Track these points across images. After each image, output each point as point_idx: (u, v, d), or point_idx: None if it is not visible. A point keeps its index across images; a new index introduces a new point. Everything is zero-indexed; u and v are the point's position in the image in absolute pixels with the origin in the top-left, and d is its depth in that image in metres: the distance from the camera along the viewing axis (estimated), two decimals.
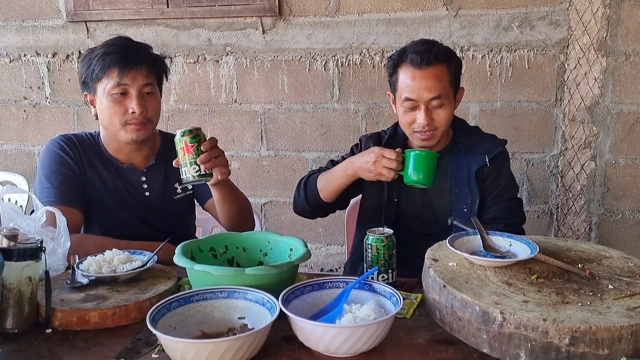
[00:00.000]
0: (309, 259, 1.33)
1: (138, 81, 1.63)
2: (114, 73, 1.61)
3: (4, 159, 2.99)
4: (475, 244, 1.33)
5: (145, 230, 1.72)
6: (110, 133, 1.71)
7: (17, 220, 1.37)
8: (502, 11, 2.40)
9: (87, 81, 1.67)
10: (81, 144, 1.73)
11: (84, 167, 1.71)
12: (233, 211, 1.72)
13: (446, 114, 1.65)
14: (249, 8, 2.58)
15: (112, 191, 1.74)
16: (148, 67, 1.66)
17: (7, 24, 2.83)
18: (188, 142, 1.45)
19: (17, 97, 2.91)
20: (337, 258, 2.81)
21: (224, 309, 1.18)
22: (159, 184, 1.79)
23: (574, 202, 2.50)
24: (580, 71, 2.39)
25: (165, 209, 1.80)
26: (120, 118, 1.64)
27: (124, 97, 1.63)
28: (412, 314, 1.26)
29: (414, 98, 1.63)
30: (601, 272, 1.21)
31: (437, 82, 1.62)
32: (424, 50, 1.63)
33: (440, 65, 1.63)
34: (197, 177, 1.46)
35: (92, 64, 1.64)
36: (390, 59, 1.72)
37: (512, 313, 1.01)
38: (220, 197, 1.67)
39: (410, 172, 1.58)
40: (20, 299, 1.18)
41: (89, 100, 1.70)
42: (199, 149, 1.46)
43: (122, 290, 1.31)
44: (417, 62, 1.62)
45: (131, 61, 1.62)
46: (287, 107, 2.68)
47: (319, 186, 1.75)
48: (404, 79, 1.65)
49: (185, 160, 1.46)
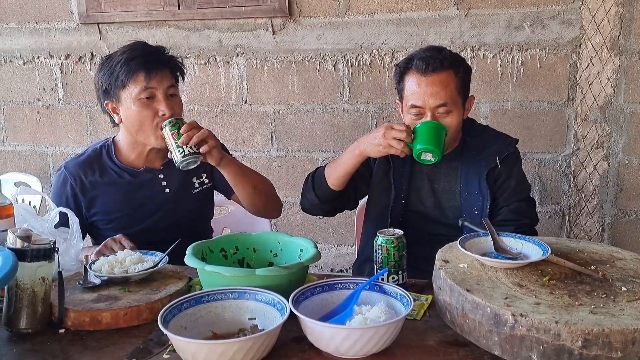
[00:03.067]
0: (319, 260, 1.33)
1: (164, 84, 1.64)
2: (141, 77, 1.61)
3: (18, 159, 3.03)
4: (486, 245, 1.32)
5: (165, 236, 1.72)
6: (137, 139, 1.70)
7: (30, 221, 1.39)
8: (513, 10, 2.39)
9: (110, 89, 1.65)
10: (88, 166, 1.72)
11: (86, 198, 1.71)
12: (249, 190, 1.74)
13: (453, 121, 1.62)
14: (259, 9, 2.59)
15: (132, 202, 1.73)
16: (171, 70, 1.68)
17: (21, 26, 2.87)
18: (169, 131, 1.58)
19: (31, 98, 2.94)
20: (346, 258, 2.81)
21: (234, 309, 1.18)
22: (177, 179, 1.79)
23: (587, 202, 2.48)
24: (593, 70, 2.37)
25: (186, 204, 1.81)
26: (151, 122, 1.63)
27: (151, 101, 1.63)
28: (422, 316, 1.25)
29: (419, 105, 1.61)
30: (614, 274, 1.20)
31: (442, 88, 1.59)
32: (429, 57, 1.61)
33: (446, 72, 1.61)
34: (183, 157, 1.56)
35: (115, 70, 1.62)
36: (397, 67, 1.70)
37: (524, 315, 1.00)
38: (230, 178, 1.70)
39: (420, 141, 1.54)
40: (33, 299, 1.19)
41: (111, 109, 1.68)
42: (179, 133, 1.57)
43: (133, 290, 1.32)
44: (422, 68, 1.60)
45: (156, 64, 1.63)
46: (297, 108, 2.69)
47: (326, 173, 1.71)
48: (410, 85, 1.64)
49: (172, 147, 1.58)
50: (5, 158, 3.04)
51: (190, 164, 1.59)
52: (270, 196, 1.84)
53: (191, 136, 1.55)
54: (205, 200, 1.88)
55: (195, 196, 1.83)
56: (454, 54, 1.68)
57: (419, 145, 1.55)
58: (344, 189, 1.73)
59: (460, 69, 1.65)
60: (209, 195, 1.90)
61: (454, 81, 1.62)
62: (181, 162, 1.57)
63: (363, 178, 1.79)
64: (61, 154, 2.96)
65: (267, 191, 1.82)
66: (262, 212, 1.86)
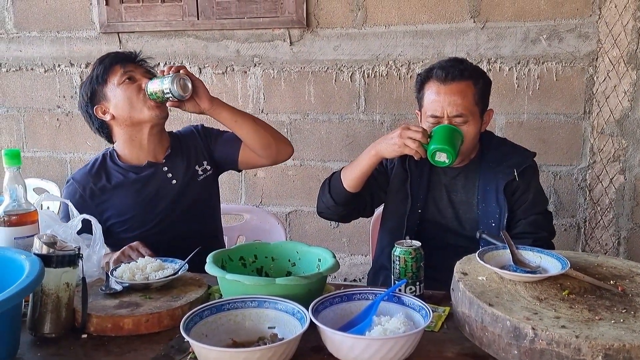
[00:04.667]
0: (337, 270, 1.34)
1: (140, 70, 1.79)
2: (117, 68, 1.75)
3: (37, 165, 3.07)
4: (505, 258, 1.33)
5: (176, 233, 1.79)
6: (133, 121, 1.76)
7: (54, 227, 1.42)
8: (530, 23, 2.40)
9: (95, 93, 1.77)
10: (95, 174, 1.78)
11: (98, 205, 1.76)
12: (250, 124, 1.80)
13: (470, 131, 1.63)
14: (277, 20, 2.62)
15: (142, 198, 1.78)
16: (143, 68, 1.82)
17: (42, 35, 2.92)
18: (151, 83, 1.71)
19: (51, 105, 2.99)
20: (360, 268, 2.81)
21: (254, 318, 1.19)
22: (181, 168, 1.85)
23: (602, 216, 2.47)
24: (610, 84, 2.36)
25: (194, 193, 1.85)
26: (138, 96, 1.73)
27: (132, 81, 1.75)
28: (440, 327, 1.26)
29: (437, 115, 1.63)
30: (634, 289, 1.20)
31: (461, 98, 1.61)
32: (450, 66, 1.64)
33: (465, 82, 1.63)
34: (171, 79, 1.64)
35: (94, 75, 1.76)
36: (418, 76, 1.73)
37: (544, 329, 1.00)
38: (227, 119, 1.78)
39: (434, 141, 1.56)
40: (58, 305, 1.21)
41: (102, 112, 1.78)
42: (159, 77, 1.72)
43: (154, 297, 1.34)
44: (442, 77, 1.63)
45: (128, 60, 1.79)
46: (313, 118, 2.71)
47: (342, 176, 1.72)
48: (429, 94, 1.66)
49: (161, 86, 1.67)
50: (25, 164, 3.05)
51: (182, 86, 1.65)
52: (273, 129, 1.87)
53: (169, 68, 1.68)
54: (210, 187, 1.93)
55: (200, 184, 1.88)
56: (475, 66, 1.70)
57: (434, 145, 1.56)
58: (359, 191, 1.73)
59: (479, 81, 1.66)
60: (214, 182, 1.95)
61: (473, 92, 1.63)
62: (172, 82, 1.63)
63: (379, 183, 1.80)
64: (79, 160, 3.00)
65: (267, 125, 1.86)
66: (273, 147, 1.84)
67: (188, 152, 1.88)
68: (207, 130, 1.97)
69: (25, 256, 1.18)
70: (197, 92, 1.71)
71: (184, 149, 1.89)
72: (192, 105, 1.73)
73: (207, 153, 1.91)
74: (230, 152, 1.90)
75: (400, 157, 1.75)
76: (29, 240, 1.29)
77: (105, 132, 1.84)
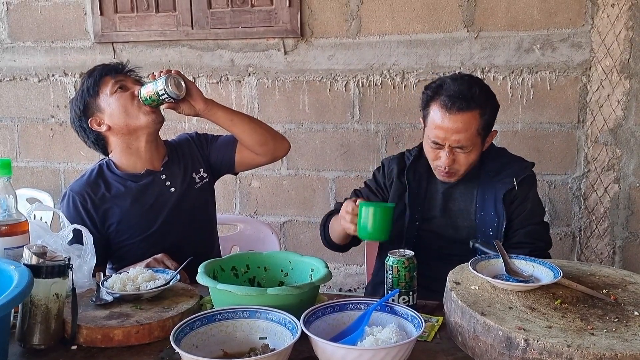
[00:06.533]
0: (330, 280, 1.33)
1: (130, 79, 1.81)
2: (108, 79, 1.76)
3: (30, 176, 3.06)
4: (498, 268, 1.32)
5: (174, 240, 1.79)
6: (129, 131, 1.76)
7: (44, 238, 1.41)
8: (523, 33, 2.41)
9: (88, 106, 1.76)
10: (93, 183, 1.76)
11: (99, 214, 1.74)
12: (246, 124, 1.81)
13: (469, 158, 1.64)
14: (271, 30, 2.63)
15: (142, 206, 1.77)
16: (129, 74, 1.84)
17: (37, 44, 2.92)
18: (144, 87, 1.71)
19: (45, 115, 2.99)
20: (355, 278, 2.80)
21: (245, 328, 1.18)
22: (179, 176, 1.85)
23: (597, 225, 2.47)
24: (603, 93, 2.37)
25: (192, 200, 1.85)
26: (132, 103, 1.73)
27: (124, 90, 1.76)
28: (433, 337, 1.25)
29: (439, 143, 1.62)
30: (626, 298, 1.20)
31: (464, 129, 1.58)
32: (458, 94, 1.58)
33: (471, 112, 1.59)
34: (165, 79, 1.64)
35: (85, 89, 1.76)
36: (426, 89, 1.68)
37: (536, 339, 1.00)
38: (222, 119, 1.79)
39: (360, 227, 1.51)
40: (47, 316, 1.20)
41: (97, 123, 1.77)
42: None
43: (145, 308, 1.33)
44: (448, 106, 1.58)
45: (115, 70, 1.79)
46: (308, 127, 2.71)
47: (330, 233, 1.80)
48: (433, 117, 1.63)
49: (154, 88, 1.67)
50: (18, 174, 3.07)
51: (176, 85, 1.66)
52: (268, 126, 1.89)
53: (160, 72, 1.70)
54: (208, 194, 1.93)
55: (198, 191, 1.88)
56: (484, 90, 1.64)
57: (360, 232, 1.53)
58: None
59: (487, 110, 1.62)
60: (210, 189, 1.95)
61: (477, 123, 1.60)
62: (165, 82, 1.63)
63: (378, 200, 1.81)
64: (73, 170, 2.99)
65: (262, 123, 1.88)
66: (270, 143, 1.86)
67: (185, 160, 1.89)
68: (201, 136, 1.97)
69: (14, 266, 1.17)
70: (190, 93, 1.71)
71: (180, 156, 1.89)
72: (187, 107, 1.73)
73: (203, 159, 1.92)
74: (227, 153, 1.90)
75: (398, 170, 1.78)
76: (20, 251, 1.28)
77: (101, 145, 1.83)
